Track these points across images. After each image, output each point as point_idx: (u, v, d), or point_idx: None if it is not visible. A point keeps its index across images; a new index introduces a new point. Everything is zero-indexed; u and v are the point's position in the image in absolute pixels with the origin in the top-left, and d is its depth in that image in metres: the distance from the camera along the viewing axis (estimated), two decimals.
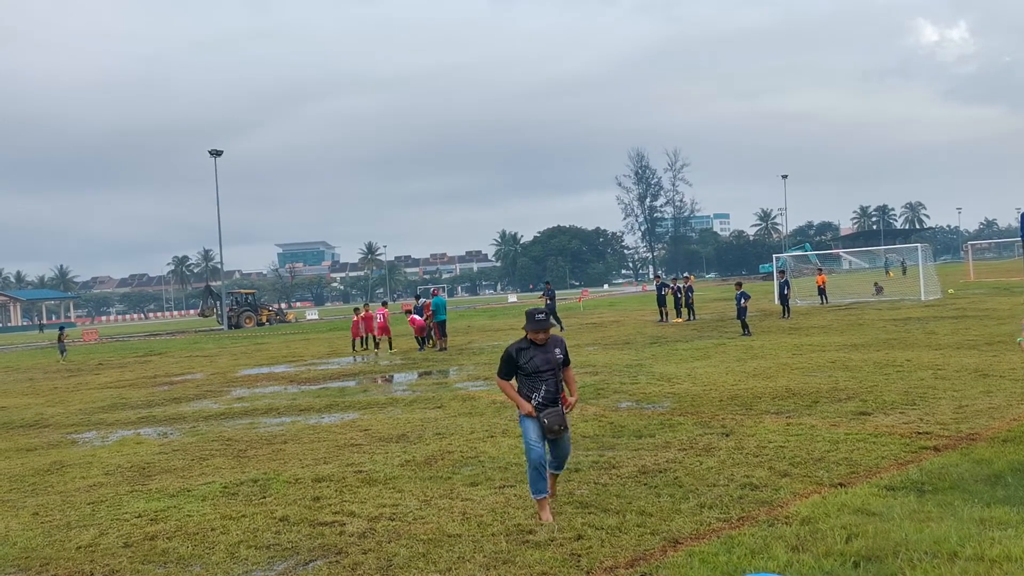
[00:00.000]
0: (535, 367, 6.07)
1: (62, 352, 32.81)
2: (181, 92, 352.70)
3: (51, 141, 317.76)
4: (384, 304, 28.46)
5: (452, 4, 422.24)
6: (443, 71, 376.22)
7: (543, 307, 5.66)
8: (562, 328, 27.37)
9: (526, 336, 6.14)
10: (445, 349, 22.84)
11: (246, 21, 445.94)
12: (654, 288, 34.84)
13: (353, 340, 26.40)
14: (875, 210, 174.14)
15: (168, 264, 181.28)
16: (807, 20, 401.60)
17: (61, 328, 36.22)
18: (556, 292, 30.82)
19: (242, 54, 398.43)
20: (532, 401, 6.06)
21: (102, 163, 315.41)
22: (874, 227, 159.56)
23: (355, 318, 26.75)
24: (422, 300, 27.51)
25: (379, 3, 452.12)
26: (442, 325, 23.42)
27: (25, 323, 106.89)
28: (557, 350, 6.16)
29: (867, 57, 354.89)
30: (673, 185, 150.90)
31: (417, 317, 24.68)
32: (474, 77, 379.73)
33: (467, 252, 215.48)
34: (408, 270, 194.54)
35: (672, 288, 30.22)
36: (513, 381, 6.27)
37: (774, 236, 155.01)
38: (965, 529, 5.12)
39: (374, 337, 25.89)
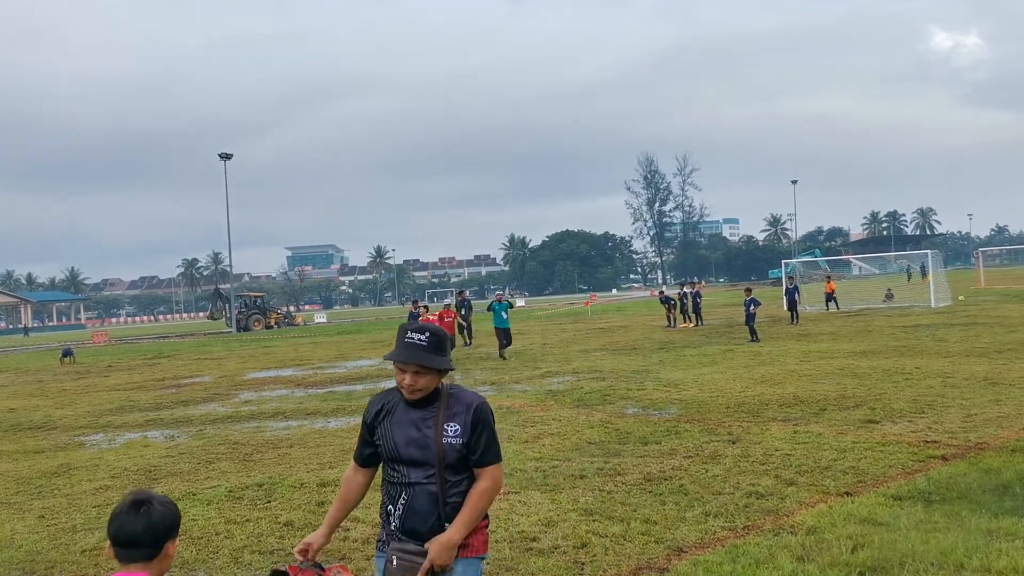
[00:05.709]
0: (391, 450, 2.96)
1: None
2: (193, 95, 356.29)
3: (63, 143, 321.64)
4: (425, 308, 28.42)
5: (467, 8, 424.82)
6: (456, 75, 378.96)
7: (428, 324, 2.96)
8: (469, 342, 23.06)
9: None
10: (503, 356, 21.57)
11: (262, 24, 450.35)
12: (659, 299, 34.31)
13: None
14: (886, 216, 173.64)
15: (178, 267, 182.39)
16: (822, 25, 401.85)
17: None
18: (476, 302, 26.35)
19: (256, 57, 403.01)
20: (389, 523, 3.00)
21: (114, 165, 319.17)
22: (884, 233, 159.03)
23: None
24: (446, 302, 27.50)
25: (394, 7, 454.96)
26: (506, 332, 22.14)
27: (35, 324, 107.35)
28: (452, 425, 2.91)
29: (883, 62, 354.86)
30: (682, 190, 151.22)
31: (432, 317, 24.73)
32: (486, 81, 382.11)
33: (476, 256, 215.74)
34: (417, 274, 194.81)
35: (679, 293, 30.23)
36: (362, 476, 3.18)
37: (784, 241, 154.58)
38: (972, 540, 5.07)
39: None
